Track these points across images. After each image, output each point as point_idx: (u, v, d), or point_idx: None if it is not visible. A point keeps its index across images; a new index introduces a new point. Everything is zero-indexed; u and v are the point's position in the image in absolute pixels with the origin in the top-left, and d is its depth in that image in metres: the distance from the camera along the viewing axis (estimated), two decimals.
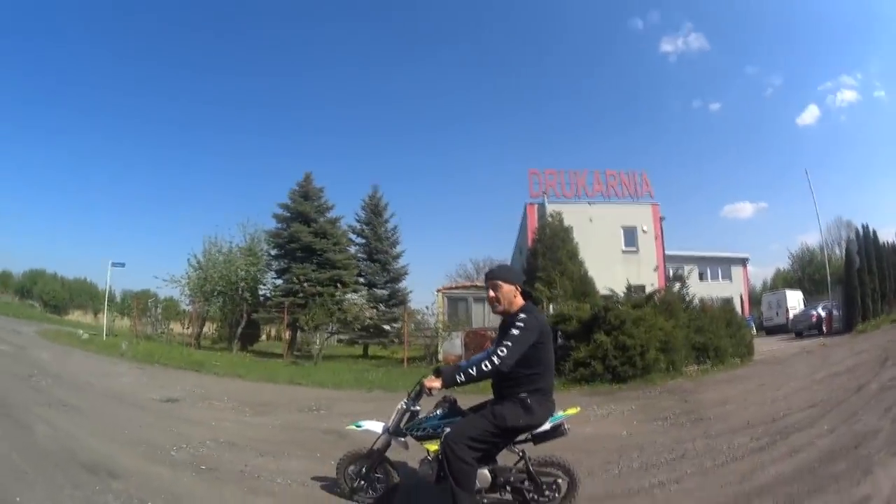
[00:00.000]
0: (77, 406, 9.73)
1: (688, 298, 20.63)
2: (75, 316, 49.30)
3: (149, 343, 24.67)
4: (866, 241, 31.68)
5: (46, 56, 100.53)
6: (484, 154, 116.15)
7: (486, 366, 4.34)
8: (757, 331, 37.30)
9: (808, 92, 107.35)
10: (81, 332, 26.59)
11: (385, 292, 34.04)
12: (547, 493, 4.94)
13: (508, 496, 5.01)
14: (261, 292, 30.65)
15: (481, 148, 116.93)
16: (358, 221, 35.50)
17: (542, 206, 33.24)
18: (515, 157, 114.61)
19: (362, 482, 5.30)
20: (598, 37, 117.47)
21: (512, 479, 4.93)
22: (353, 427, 5.44)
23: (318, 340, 23.14)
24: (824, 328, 31.50)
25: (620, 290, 19.66)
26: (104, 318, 30.45)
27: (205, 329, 31.04)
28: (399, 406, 5.17)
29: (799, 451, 7.19)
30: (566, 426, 4.97)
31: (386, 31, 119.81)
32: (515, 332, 4.44)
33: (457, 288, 28.77)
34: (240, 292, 28.53)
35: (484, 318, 25.21)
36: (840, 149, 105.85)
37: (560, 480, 5.01)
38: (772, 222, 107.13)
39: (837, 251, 57.96)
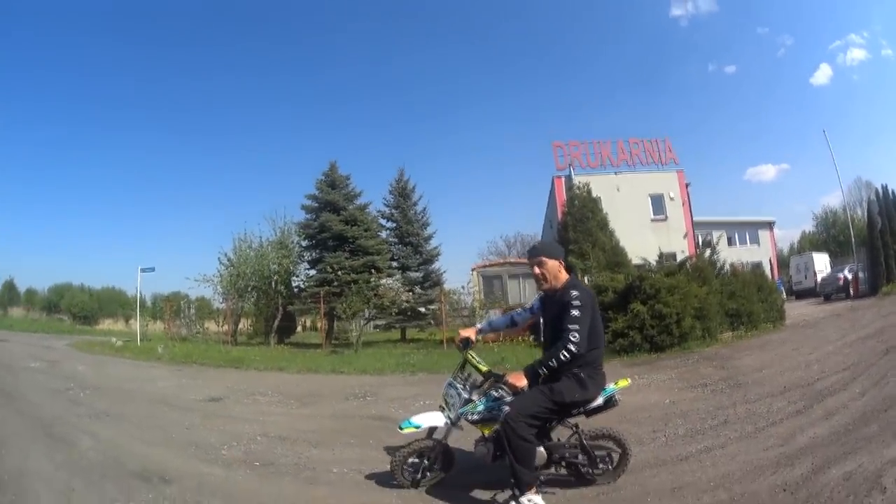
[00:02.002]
0: (119, 414, 9.46)
1: (719, 264, 20.87)
2: (106, 325, 48.72)
3: (185, 344, 24.60)
4: (886, 202, 31.63)
5: (64, 64, 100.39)
6: (506, 131, 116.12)
7: (564, 355, 4.44)
8: (787, 295, 36.88)
9: (820, 51, 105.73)
10: (115, 339, 26.43)
11: (419, 275, 33.58)
12: (601, 465, 5.09)
13: (563, 471, 5.12)
14: (294, 284, 30.42)
15: (503, 125, 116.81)
16: (387, 206, 35.07)
17: (568, 178, 32.98)
18: (538, 132, 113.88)
19: (427, 473, 5.23)
20: (608, 5, 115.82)
21: (567, 454, 5.02)
22: (412, 428, 5.13)
23: (356, 328, 22.93)
24: (851, 291, 31.38)
25: (652, 259, 19.76)
26: (137, 324, 30.21)
27: (240, 325, 30.76)
28: (451, 392, 5.16)
29: (833, 413, 7.59)
30: (617, 397, 5.05)
31: (399, 12, 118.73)
32: (576, 312, 4.56)
33: (491, 266, 28.46)
34: (274, 286, 28.30)
35: (519, 294, 25.08)
36: (855, 108, 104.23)
37: (613, 452, 5.16)
38: (794, 184, 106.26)
39: (859, 212, 57.45)
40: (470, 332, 5.42)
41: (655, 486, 5.21)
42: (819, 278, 38.36)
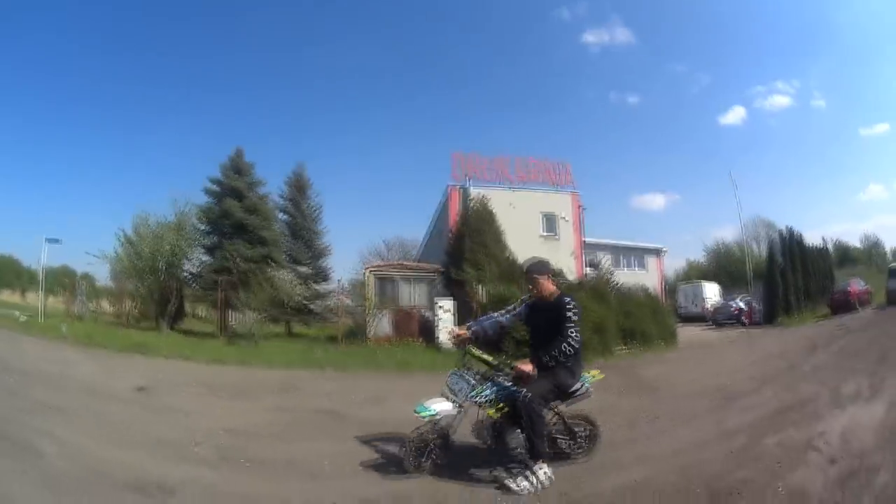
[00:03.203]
0: (61, 407, 8.64)
1: (615, 286, 22.33)
2: (4, 296, 44.70)
3: (82, 324, 23.11)
4: (791, 242, 33.91)
5: None
6: (396, 134, 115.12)
7: (566, 348, 5.38)
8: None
9: (736, 93, 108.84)
10: (18, 314, 24.78)
11: (309, 270, 32.89)
12: (580, 440, 6.00)
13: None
14: (186, 269, 28.88)
15: (394, 127, 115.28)
16: (282, 198, 34.24)
17: (465, 190, 33.13)
18: (424, 140, 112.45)
19: (432, 457, 5.66)
20: (521, 23, 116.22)
21: (553, 432, 5.88)
22: (427, 413, 5.52)
23: (256, 320, 22.42)
24: (745, 320, 33.21)
25: None
26: (40, 299, 27.93)
27: (127, 307, 28.51)
28: (457, 381, 5.74)
29: (753, 408, 8.68)
30: (591, 389, 6.00)
31: (307, 8, 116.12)
32: (572, 314, 5.53)
33: (385, 267, 28.25)
34: (171, 269, 26.62)
35: (411, 297, 24.89)
36: (764, 150, 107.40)
37: (588, 430, 6.10)
38: (684, 214, 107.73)
39: (755, 247, 60.94)
40: (464, 331, 6.07)
41: (626, 458, 6.16)
42: (709, 306, 40.46)
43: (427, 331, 22.21)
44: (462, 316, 21.30)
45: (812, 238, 48.35)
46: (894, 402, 8.31)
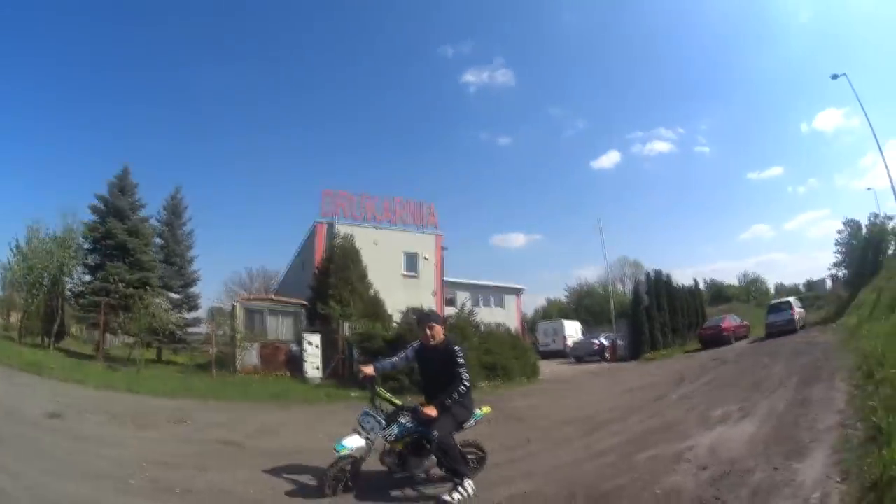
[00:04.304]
0: None
1: (476, 323, 23.52)
2: None
3: None
4: (657, 282, 36.14)
5: None
6: (260, 165, 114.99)
7: (462, 388, 6.29)
8: None
9: (612, 138, 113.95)
10: None
11: (179, 297, 32.85)
12: (471, 463, 6.79)
13: (441, 471, 6.54)
14: (69, 286, 27.79)
15: (261, 158, 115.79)
16: (159, 222, 33.76)
17: (332, 227, 33.92)
18: (289, 174, 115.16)
19: (349, 483, 6.30)
20: (402, 58, 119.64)
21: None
22: (345, 450, 6.13)
23: (136, 346, 22.66)
24: (607, 356, 34.81)
25: (398, 312, 22.67)
26: None
27: (12, 320, 27.16)
28: (369, 419, 6.45)
29: (621, 433, 9.42)
30: (476, 422, 6.87)
31: (194, 36, 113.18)
32: (462, 360, 6.43)
33: (255, 300, 28.54)
34: (57, 286, 25.67)
35: (277, 330, 25.27)
36: (637, 193, 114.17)
37: (476, 454, 7.03)
38: (545, 253, 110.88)
39: (620, 287, 64.79)
40: (370, 370, 6.83)
41: (513, 473, 7.11)
42: (569, 342, 41.85)
43: (294, 364, 22.48)
44: (328, 351, 22.07)
45: (684, 277, 50.81)
46: (766, 420, 9.00)
